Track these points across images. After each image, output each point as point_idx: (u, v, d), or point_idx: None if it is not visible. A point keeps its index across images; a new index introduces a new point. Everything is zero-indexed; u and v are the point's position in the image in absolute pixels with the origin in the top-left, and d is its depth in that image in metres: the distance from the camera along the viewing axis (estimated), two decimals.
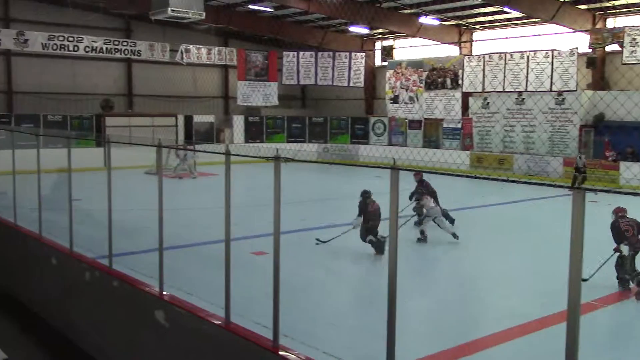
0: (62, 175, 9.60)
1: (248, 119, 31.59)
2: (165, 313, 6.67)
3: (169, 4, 16.74)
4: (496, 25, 27.53)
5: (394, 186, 4.57)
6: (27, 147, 13.90)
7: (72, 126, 26.69)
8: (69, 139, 9.92)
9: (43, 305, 9.72)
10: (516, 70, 22.73)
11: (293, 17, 29.51)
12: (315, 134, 32.07)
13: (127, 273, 7.79)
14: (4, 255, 11.27)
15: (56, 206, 10.12)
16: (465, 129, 27.05)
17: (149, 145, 7.86)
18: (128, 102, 31.59)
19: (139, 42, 26.31)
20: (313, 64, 28.35)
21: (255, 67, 29.00)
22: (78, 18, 25.40)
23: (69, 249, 8.89)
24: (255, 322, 6.18)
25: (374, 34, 31.82)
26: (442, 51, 27.92)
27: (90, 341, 8.30)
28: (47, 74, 28.02)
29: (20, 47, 23.37)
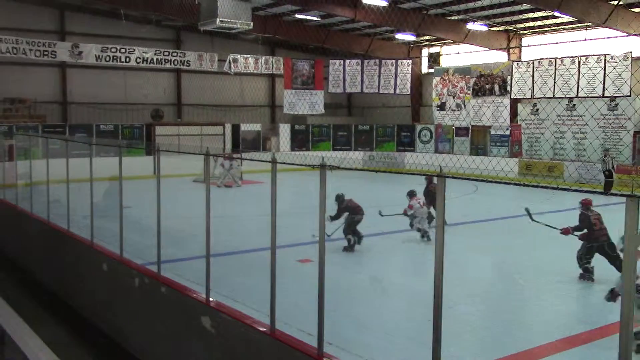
0: (113, 183, 9.83)
1: (294, 127, 31.77)
2: (212, 319, 6.74)
3: (217, 15, 17.00)
4: (546, 30, 27.01)
5: (440, 194, 4.52)
6: (81, 156, 14.31)
7: (124, 135, 27.32)
8: (120, 147, 10.14)
9: (93, 309, 9.95)
10: (567, 76, 22.22)
11: (339, 25, 29.59)
12: (361, 142, 32.01)
13: (174, 279, 7.90)
14: (58, 261, 11.59)
15: (107, 213, 10.36)
16: (513, 136, 26.58)
17: (197, 153, 7.98)
18: (177, 112, 32.20)
19: (188, 52, 26.80)
20: (359, 72, 28.32)
21: (301, 75, 29.16)
22: (130, 30, 26.05)
23: (119, 255, 9.08)
24: (300, 329, 6.19)
25: (420, 41, 31.63)
26: (490, 57, 27.54)
27: (138, 345, 8.45)
28: (99, 85, 28.83)
29: (75, 59, 24.08)
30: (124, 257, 9.02)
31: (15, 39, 22.51)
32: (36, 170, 13.25)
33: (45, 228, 12.02)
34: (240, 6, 17.68)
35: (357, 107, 37.83)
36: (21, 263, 13.51)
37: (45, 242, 12.28)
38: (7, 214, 14.73)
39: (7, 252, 14.61)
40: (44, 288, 11.78)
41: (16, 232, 14.20)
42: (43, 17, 27.95)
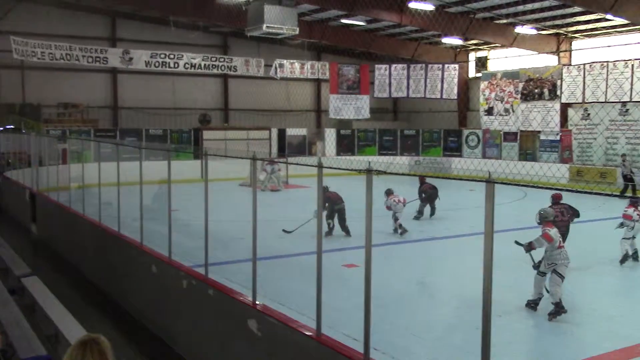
0: (162, 186, 10.01)
1: (340, 132, 31.78)
2: (258, 322, 6.78)
3: (264, 21, 17.19)
4: (598, 33, 26.37)
5: (489, 200, 4.45)
6: (131, 160, 14.62)
7: (172, 140, 27.80)
8: (169, 152, 10.32)
9: (142, 310, 10.13)
10: (620, 80, 21.63)
11: (385, 30, 29.51)
12: (407, 146, 31.80)
13: (221, 282, 7.98)
14: (109, 262, 11.85)
15: (156, 216, 10.55)
16: (564, 141, 26.00)
17: (243, 158, 8.05)
18: (224, 116, 32.63)
19: (235, 58, 27.15)
20: (405, 77, 28.17)
21: (347, 80, 29.19)
22: (178, 36, 26.55)
23: (168, 257, 9.23)
24: (345, 334, 6.18)
25: (467, 45, 31.28)
26: (539, 61, 27.04)
27: (186, 346, 8.57)
28: (149, 90, 29.46)
29: (126, 65, 24.67)
30: (173, 259, 9.16)
31: (69, 46, 23.20)
32: (88, 174, 13.60)
33: (96, 229, 12.32)
34: (286, 12, 17.84)
35: (403, 112, 37.64)
36: (74, 263, 13.87)
37: (96, 243, 12.58)
38: (61, 215, 15.15)
39: (61, 253, 15.03)
40: (95, 288, 12.07)
41: (69, 234, 14.59)
42: (95, 25, 28.75)
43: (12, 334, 7.75)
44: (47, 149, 18.67)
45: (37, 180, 17.90)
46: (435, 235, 14.12)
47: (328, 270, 6.20)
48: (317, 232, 6.07)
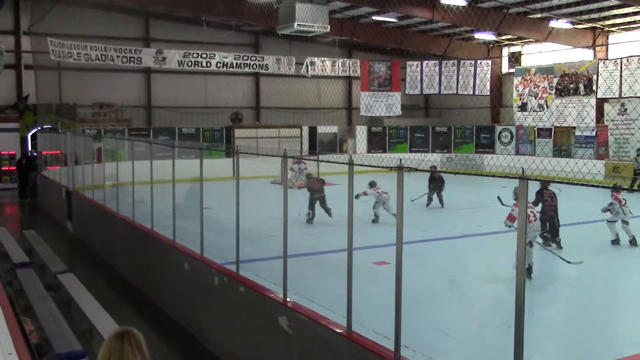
0: (194, 184, 10.10)
1: (371, 129, 31.67)
2: (289, 319, 6.80)
3: (295, 19, 17.22)
4: (635, 27, 25.76)
5: (522, 196, 4.39)
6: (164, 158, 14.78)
7: (204, 138, 28.04)
8: (201, 150, 10.40)
9: (175, 307, 10.24)
10: None
11: (417, 26, 29.29)
12: (439, 143, 31.54)
13: (252, 279, 8.02)
14: (142, 259, 12.01)
15: (188, 214, 10.65)
16: (599, 137, 25.48)
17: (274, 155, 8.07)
18: (256, 115, 32.79)
19: (266, 56, 27.25)
20: (437, 73, 27.95)
21: (378, 77, 29.08)
22: (210, 36, 26.73)
23: (200, 254, 9.31)
24: (376, 332, 6.15)
25: (500, 41, 30.86)
26: (574, 56, 26.55)
27: (217, 343, 8.64)
28: (181, 89, 29.75)
29: (159, 64, 24.96)
30: (205, 257, 9.24)
31: (103, 47, 23.57)
32: (122, 172, 13.79)
33: (130, 227, 12.49)
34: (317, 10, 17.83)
35: (434, 109, 37.33)
36: (109, 261, 14.09)
37: (130, 241, 12.76)
38: (95, 213, 15.40)
39: (96, 250, 15.29)
40: (129, 285, 12.24)
41: (104, 231, 14.82)
42: (129, 25, 29.14)
43: (48, 329, 7.91)
44: (83, 148, 19.00)
45: (73, 178, 18.23)
46: (466, 233, 13.98)
47: (358, 267, 6.18)
48: (348, 230, 6.05)
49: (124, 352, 3.21)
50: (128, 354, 3.21)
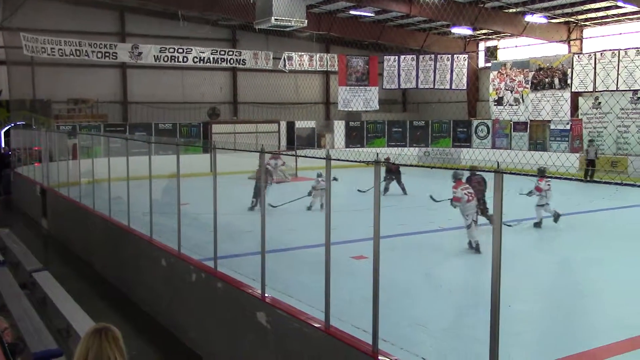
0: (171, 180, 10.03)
1: (349, 123, 31.72)
2: (267, 315, 6.80)
3: (272, 13, 17.16)
4: (609, 21, 26.11)
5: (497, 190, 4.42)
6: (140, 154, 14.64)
7: (181, 134, 27.87)
8: (178, 146, 10.33)
9: (153, 303, 10.19)
10: (631, 68, 21.44)
11: (394, 21, 29.37)
12: (416, 138, 31.71)
13: (230, 275, 8.00)
14: (119, 256, 11.92)
15: (166, 210, 10.58)
16: (574, 130, 25.82)
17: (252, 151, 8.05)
18: (233, 110, 32.65)
19: (243, 51, 27.14)
20: (414, 68, 28.07)
21: (356, 72, 29.12)
22: (187, 30, 26.54)
23: (177, 250, 9.26)
24: (354, 326, 6.18)
25: (477, 35, 31.07)
26: (549, 50, 26.83)
27: (195, 339, 8.61)
28: (158, 85, 29.52)
29: (135, 59, 24.72)
30: (182, 253, 9.20)
31: (78, 42, 23.28)
32: (98, 168, 13.66)
33: (107, 224, 12.39)
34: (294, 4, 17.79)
35: (412, 103, 37.50)
36: (85, 258, 13.96)
37: (106, 238, 12.65)
38: (71, 210, 15.25)
39: (72, 247, 15.13)
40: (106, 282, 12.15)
41: (80, 228, 14.68)
42: (104, 20, 28.81)
43: (24, 328, 7.82)
44: (58, 144, 18.77)
45: (48, 175, 18.01)
46: (443, 226, 14.08)
47: (336, 262, 6.19)
48: (326, 225, 6.06)
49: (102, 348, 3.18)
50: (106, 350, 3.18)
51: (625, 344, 6.98)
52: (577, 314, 8.22)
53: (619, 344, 6.98)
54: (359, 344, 5.57)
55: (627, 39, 23.88)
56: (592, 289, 9.44)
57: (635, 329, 7.39)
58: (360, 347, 5.51)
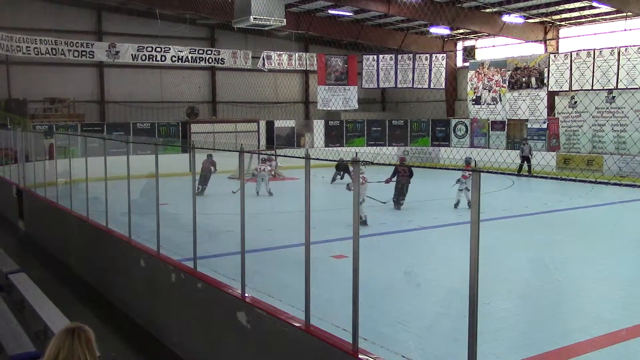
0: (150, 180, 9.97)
1: (328, 123, 31.76)
2: (247, 315, 6.79)
3: (251, 12, 17.10)
4: (584, 21, 26.46)
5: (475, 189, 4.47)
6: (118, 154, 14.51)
7: (160, 133, 27.69)
8: (157, 145, 10.26)
9: (132, 304, 10.12)
10: (605, 67, 21.74)
11: (373, 20, 29.48)
12: (396, 137, 31.85)
13: (210, 275, 7.98)
14: (97, 257, 11.81)
15: (144, 210, 10.51)
16: (551, 129, 26.14)
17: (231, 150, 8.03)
18: (212, 109, 32.52)
19: (222, 50, 27.04)
20: (393, 67, 28.18)
21: (335, 71, 29.14)
22: (165, 29, 26.39)
23: (157, 251, 9.20)
24: (335, 325, 6.20)
25: (455, 35, 31.30)
26: (526, 50, 27.12)
27: (175, 340, 8.57)
28: (136, 84, 29.29)
29: (112, 58, 24.50)
30: (161, 254, 9.14)
31: (54, 40, 23.01)
32: (75, 169, 13.52)
33: (84, 225, 12.26)
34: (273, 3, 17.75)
35: (391, 102, 37.66)
36: (63, 259, 13.82)
37: (85, 239, 12.53)
38: (48, 211, 15.07)
39: (49, 249, 14.97)
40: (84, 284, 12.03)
41: (57, 229, 14.51)
42: (81, 18, 28.52)
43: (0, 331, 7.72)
44: (34, 144, 18.54)
45: (24, 176, 17.78)
46: (423, 225, 14.18)
47: (317, 261, 6.21)
48: (306, 224, 6.07)
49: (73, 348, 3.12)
50: (77, 351, 3.12)
51: (602, 340, 7.09)
52: (555, 311, 8.33)
53: (596, 340, 7.09)
54: (340, 343, 5.58)
55: (602, 39, 24.23)
56: (570, 286, 9.57)
57: (612, 325, 7.51)
58: (341, 346, 5.53)
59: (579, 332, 7.43)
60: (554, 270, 10.63)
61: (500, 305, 8.29)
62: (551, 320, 8.00)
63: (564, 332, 7.51)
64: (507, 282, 9.70)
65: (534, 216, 15.40)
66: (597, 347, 6.92)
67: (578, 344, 7.00)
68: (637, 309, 8.12)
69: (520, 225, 14.29)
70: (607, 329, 7.39)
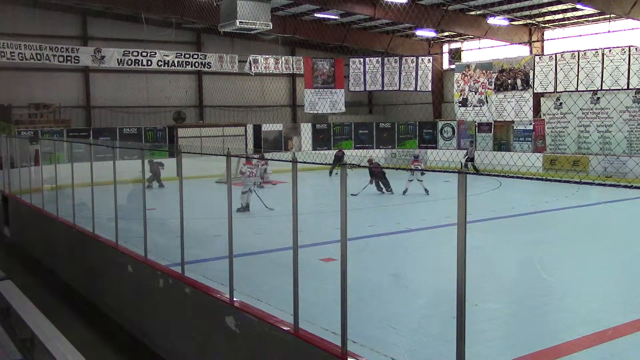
0: (137, 185, 9.93)
1: (315, 126, 31.78)
2: (236, 319, 6.78)
3: (237, 16, 17.07)
4: (568, 23, 26.68)
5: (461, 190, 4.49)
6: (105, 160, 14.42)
7: (147, 138, 27.55)
8: (143, 150, 10.23)
9: (120, 310, 10.06)
10: (589, 69, 21.92)
11: (359, 23, 29.54)
12: (383, 139, 31.93)
13: (199, 280, 7.96)
14: (84, 263, 11.74)
15: (131, 216, 10.46)
16: (537, 130, 26.32)
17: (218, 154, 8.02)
18: (199, 113, 32.43)
19: (208, 54, 26.96)
20: (379, 70, 28.24)
21: (322, 74, 29.15)
22: (151, 33, 26.29)
23: (144, 256, 9.17)
24: (323, 328, 6.20)
25: (441, 37, 31.44)
26: (511, 52, 27.30)
27: (164, 346, 8.53)
28: (122, 89, 29.15)
29: (98, 63, 24.35)
30: (149, 259, 9.10)
31: (39, 45, 22.85)
32: (61, 174, 13.43)
33: (71, 231, 12.19)
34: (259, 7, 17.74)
35: (378, 105, 37.75)
36: (49, 266, 13.72)
37: (71, 245, 12.45)
38: (33, 218, 14.96)
39: (36, 256, 14.85)
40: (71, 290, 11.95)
41: (44, 236, 14.41)
42: (66, 23, 28.35)
43: None
44: (19, 150, 18.39)
45: (9, 182, 17.64)
46: (410, 227, 14.22)
47: (305, 264, 6.21)
48: (293, 228, 6.07)
49: None
50: None
51: (589, 339, 7.14)
52: (542, 311, 8.37)
53: (583, 339, 7.14)
54: (328, 346, 5.59)
55: (586, 41, 24.44)
56: (558, 285, 9.63)
57: (599, 324, 7.56)
58: (330, 349, 5.53)
59: (567, 331, 7.47)
60: (541, 271, 10.69)
61: (488, 305, 8.33)
62: (539, 320, 8.04)
63: (552, 332, 7.55)
64: (495, 282, 9.74)
65: (521, 217, 15.49)
66: (585, 347, 6.96)
67: (566, 344, 7.04)
68: (623, 308, 8.18)
69: (508, 226, 14.37)
70: (594, 329, 7.44)
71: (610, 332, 7.32)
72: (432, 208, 16.86)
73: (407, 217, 15.72)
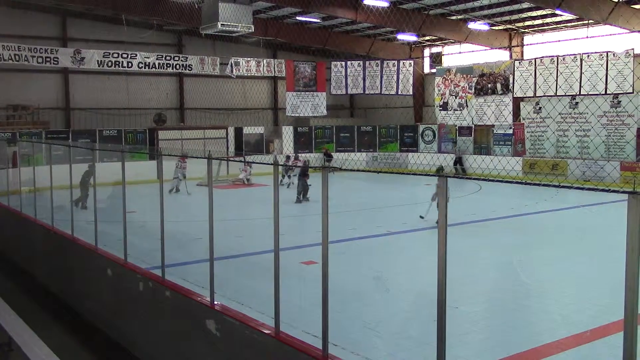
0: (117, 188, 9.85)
1: (297, 129, 31.78)
2: (216, 322, 6.75)
3: (218, 19, 17.03)
4: (547, 29, 26.99)
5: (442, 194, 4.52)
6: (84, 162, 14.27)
7: (127, 140, 27.34)
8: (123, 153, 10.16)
9: (99, 314, 9.97)
10: (568, 74, 22.19)
11: (340, 27, 29.61)
12: (364, 143, 32.02)
13: (179, 283, 7.91)
14: (63, 267, 11.62)
15: (111, 218, 10.37)
16: (516, 134, 26.57)
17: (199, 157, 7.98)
18: (180, 116, 32.26)
19: (190, 56, 26.85)
20: (361, 74, 28.31)
21: (303, 78, 29.16)
22: (132, 35, 26.10)
23: (124, 260, 9.09)
24: (304, 331, 6.20)
25: (422, 41, 31.62)
26: (491, 56, 27.53)
27: (144, 349, 8.47)
28: (102, 91, 28.90)
29: (77, 64, 24.13)
30: (129, 262, 9.03)
31: (17, 46, 22.59)
32: (40, 177, 13.29)
33: (49, 234, 12.06)
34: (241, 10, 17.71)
35: (359, 108, 37.84)
36: (27, 269, 13.55)
37: (49, 248, 12.32)
38: (11, 220, 14.78)
39: (12, 259, 14.66)
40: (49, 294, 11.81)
41: (21, 239, 14.24)
42: (45, 24, 28.05)
43: None
44: None
45: None
46: (391, 230, 14.26)
47: (287, 267, 6.20)
48: (274, 230, 6.06)
49: None
50: None
51: (569, 341, 7.22)
52: (522, 313, 8.44)
53: (562, 341, 7.21)
54: (309, 349, 5.59)
55: (565, 46, 24.72)
56: (537, 288, 9.72)
57: (578, 326, 7.65)
58: (311, 352, 5.53)
59: (547, 333, 7.55)
60: (521, 273, 10.78)
61: (469, 308, 8.38)
62: (519, 322, 8.11)
63: (532, 334, 7.62)
64: (476, 285, 9.81)
65: (501, 220, 15.62)
66: (564, 349, 7.03)
67: (545, 346, 7.11)
68: (601, 310, 8.28)
69: (488, 229, 14.48)
70: (573, 330, 7.52)
71: (589, 334, 7.41)
72: (413, 211, 16.93)
73: (387, 220, 15.76)
